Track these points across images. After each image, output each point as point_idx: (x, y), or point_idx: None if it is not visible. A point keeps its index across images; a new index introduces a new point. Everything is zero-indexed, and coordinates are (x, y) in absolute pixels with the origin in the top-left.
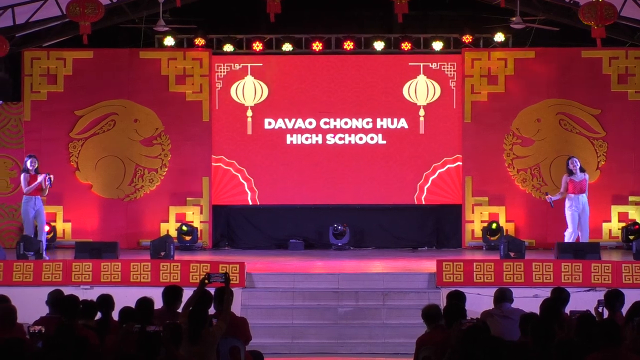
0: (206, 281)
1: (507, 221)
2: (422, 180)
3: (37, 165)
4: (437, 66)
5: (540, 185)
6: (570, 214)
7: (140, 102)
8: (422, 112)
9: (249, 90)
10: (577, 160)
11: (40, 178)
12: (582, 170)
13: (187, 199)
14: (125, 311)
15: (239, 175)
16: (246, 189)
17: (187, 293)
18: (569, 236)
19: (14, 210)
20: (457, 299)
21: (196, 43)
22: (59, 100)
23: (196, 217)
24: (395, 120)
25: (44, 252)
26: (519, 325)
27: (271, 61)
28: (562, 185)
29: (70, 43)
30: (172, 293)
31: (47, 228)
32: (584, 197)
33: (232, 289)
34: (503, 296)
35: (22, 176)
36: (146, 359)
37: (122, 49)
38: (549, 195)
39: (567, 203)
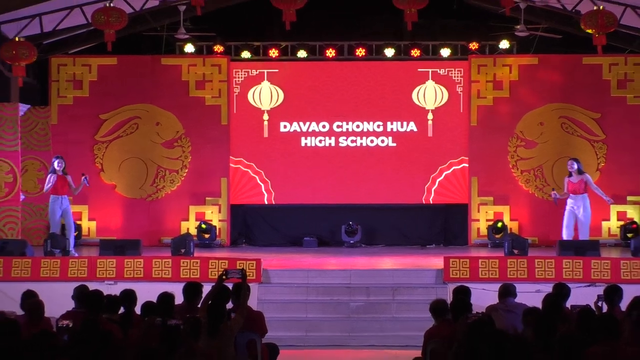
0: (224, 277)
1: (511, 220)
2: (430, 182)
3: (64, 166)
4: (445, 72)
5: (543, 186)
6: (566, 214)
7: (161, 107)
8: (430, 116)
9: (266, 95)
10: (574, 162)
11: (52, 178)
12: (580, 172)
13: (207, 198)
14: (147, 305)
15: (256, 177)
16: (263, 190)
17: (206, 288)
18: (565, 236)
19: (42, 209)
20: (463, 294)
21: (215, 50)
22: (85, 105)
23: (215, 216)
24: (404, 123)
25: (73, 249)
26: (522, 319)
27: (287, 67)
28: (564, 186)
29: (95, 50)
30: (192, 289)
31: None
32: (581, 198)
33: (249, 285)
34: (507, 291)
35: (48, 176)
36: (167, 352)
37: (145, 56)
38: (554, 192)
39: (567, 204)
